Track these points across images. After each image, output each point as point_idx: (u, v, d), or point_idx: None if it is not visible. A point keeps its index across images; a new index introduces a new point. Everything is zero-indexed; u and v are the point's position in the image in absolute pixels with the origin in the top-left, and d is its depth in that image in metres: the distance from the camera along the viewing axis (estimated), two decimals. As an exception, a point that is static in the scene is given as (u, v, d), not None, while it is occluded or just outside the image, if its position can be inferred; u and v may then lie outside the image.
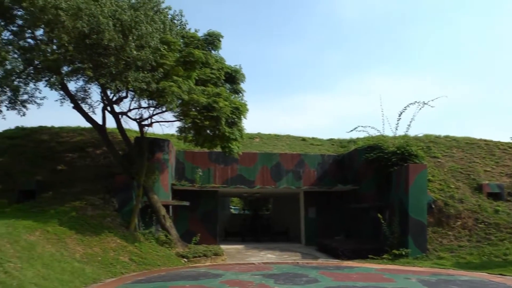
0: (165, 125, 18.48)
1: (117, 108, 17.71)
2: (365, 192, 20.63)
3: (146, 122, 17.99)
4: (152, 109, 17.62)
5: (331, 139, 27.61)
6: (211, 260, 16.74)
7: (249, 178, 22.36)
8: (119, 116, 17.68)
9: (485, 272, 13.87)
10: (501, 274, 13.43)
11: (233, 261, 17.26)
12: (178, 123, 17.66)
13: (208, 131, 16.52)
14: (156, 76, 14.93)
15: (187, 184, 20.72)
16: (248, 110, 17.63)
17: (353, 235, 21.39)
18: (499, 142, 24.28)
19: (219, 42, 18.81)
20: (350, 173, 22.30)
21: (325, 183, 22.68)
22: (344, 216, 22.32)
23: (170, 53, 15.65)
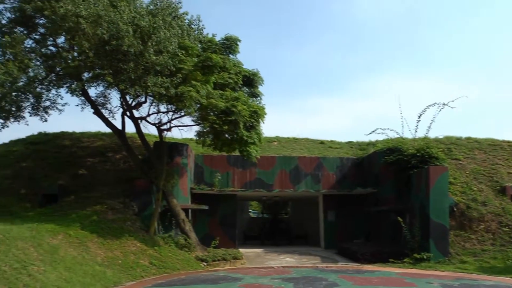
0: (184, 129, 18.66)
1: (136, 113, 17.99)
2: (385, 195, 20.42)
3: (165, 127, 18.19)
4: (170, 113, 17.79)
5: (349, 142, 27.37)
6: (230, 264, 16.76)
7: (268, 182, 22.33)
8: (138, 121, 17.89)
9: (510, 277, 13.56)
10: (527, 279, 13.12)
11: (252, 265, 17.25)
12: (196, 128, 17.77)
13: (227, 135, 16.55)
14: (175, 81, 15.04)
15: (206, 188, 20.81)
16: (266, 113, 17.60)
17: (373, 238, 21.19)
18: (523, 143, 23.69)
19: (237, 46, 18.85)
20: (369, 176, 22.10)
21: (344, 186, 22.50)
22: (363, 220, 22.14)
23: (188, 58, 15.77)
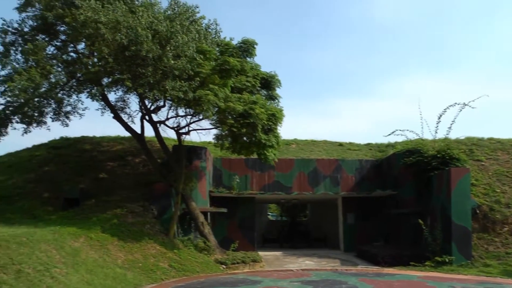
0: (202, 133, 18.69)
1: (155, 117, 18.18)
2: (405, 197, 20.15)
3: (183, 130, 18.31)
4: (189, 117, 17.92)
5: (368, 144, 27.12)
6: (250, 267, 16.75)
7: (286, 185, 22.28)
8: (157, 125, 18.06)
9: (535, 281, 13.23)
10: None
11: (271, 267, 17.22)
12: (215, 131, 17.87)
13: (245, 138, 16.56)
14: (193, 85, 15.14)
15: (225, 191, 20.88)
16: (284, 116, 17.56)
17: (392, 241, 20.90)
18: (547, 143, 23.10)
19: (254, 49, 18.84)
20: (388, 178, 21.84)
21: (364, 189, 22.28)
22: (383, 222, 21.87)
23: (206, 61, 15.87)
